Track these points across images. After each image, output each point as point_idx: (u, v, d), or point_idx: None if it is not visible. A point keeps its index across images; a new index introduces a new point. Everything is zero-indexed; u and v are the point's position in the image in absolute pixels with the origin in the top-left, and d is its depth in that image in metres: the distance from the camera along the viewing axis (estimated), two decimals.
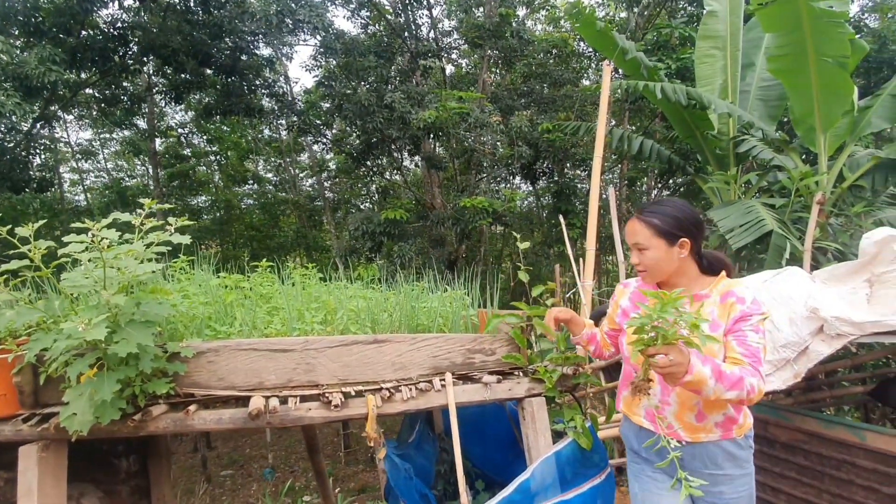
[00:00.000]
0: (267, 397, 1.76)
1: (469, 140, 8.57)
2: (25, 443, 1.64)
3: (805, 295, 2.28)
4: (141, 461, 2.41)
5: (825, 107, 4.27)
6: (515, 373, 2.09)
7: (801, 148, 5.27)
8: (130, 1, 8.55)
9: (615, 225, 4.21)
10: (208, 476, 7.04)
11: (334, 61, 9.50)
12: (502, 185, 10.65)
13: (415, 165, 12.52)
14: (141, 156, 14.14)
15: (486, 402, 1.99)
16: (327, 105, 10.35)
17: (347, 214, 12.76)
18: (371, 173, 11.18)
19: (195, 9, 8.52)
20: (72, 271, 1.56)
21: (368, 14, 9.92)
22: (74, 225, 1.50)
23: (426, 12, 10.32)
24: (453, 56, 11.73)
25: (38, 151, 9.97)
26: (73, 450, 1.72)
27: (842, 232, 4.27)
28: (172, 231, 1.60)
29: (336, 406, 1.77)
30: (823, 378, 3.59)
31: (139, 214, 1.68)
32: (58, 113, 9.71)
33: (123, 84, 9.99)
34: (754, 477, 1.64)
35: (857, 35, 4.56)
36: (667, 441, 1.40)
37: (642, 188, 11.18)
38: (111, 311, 1.41)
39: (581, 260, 4.05)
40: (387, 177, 11.85)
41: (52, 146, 12.19)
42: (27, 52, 6.99)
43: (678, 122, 5.52)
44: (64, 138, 13.80)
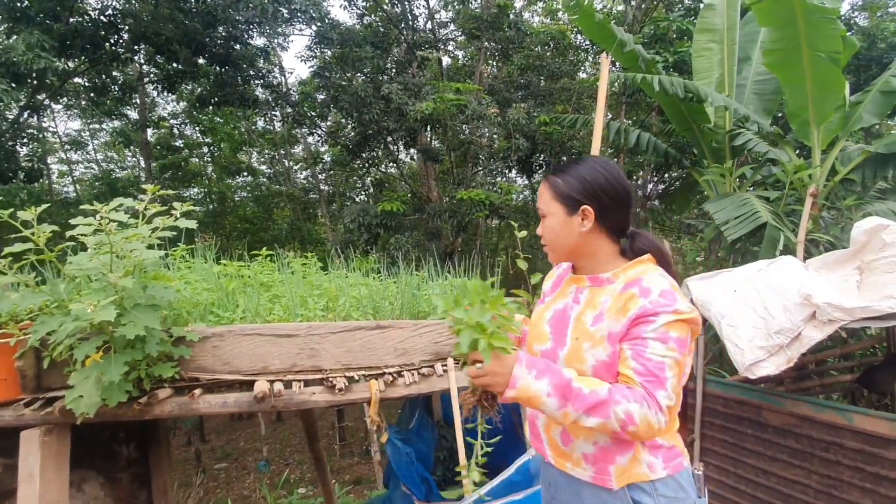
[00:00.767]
0: (272, 381, 1.77)
1: (466, 132, 8.55)
2: (26, 428, 1.64)
3: (798, 283, 2.33)
4: (140, 449, 2.41)
5: (818, 101, 4.33)
6: None
7: (795, 142, 5.33)
8: None
9: None
10: (203, 468, 7.05)
11: (329, 52, 9.42)
12: (498, 179, 10.66)
13: (410, 158, 12.49)
14: (132, 147, 13.96)
15: None
16: (322, 96, 10.27)
17: (343, 207, 12.70)
18: (366, 165, 11.13)
19: None
20: (77, 255, 1.56)
21: (365, 4, 9.83)
22: (83, 207, 1.50)
23: (423, 2, 10.26)
24: (450, 48, 11.67)
25: (26, 141, 9.81)
26: (74, 436, 1.72)
27: (833, 224, 4.34)
28: (178, 216, 1.60)
29: (340, 390, 1.79)
30: (814, 367, 3.68)
31: (142, 200, 1.68)
32: (45, 102, 9.54)
33: (114, 73, 9.83)
34: None
35: (848, 32, 4.62)
36: (534, 453, 1.18)
37: (638, 182, 11.24)
38: (118, 294, 1.41)
39: None
40: (382, 169, 11.80)
41: (40, 136, 12.00)
42: (14, 38, 6.84)
43: (675, 116, 5.56)
44: (52, 128, 13.60)
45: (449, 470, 2.90)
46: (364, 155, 10.19)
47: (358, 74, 9.25)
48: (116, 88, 10.02)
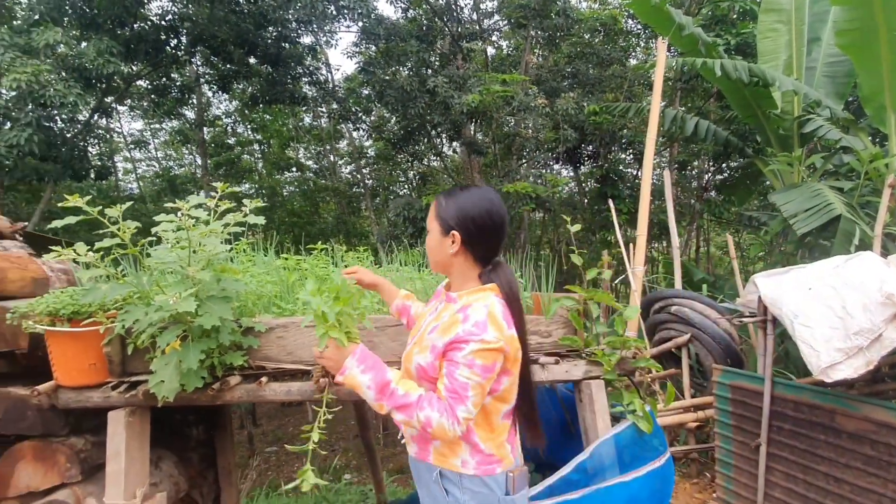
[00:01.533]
0: None
1: (511, 124, 8.44)
2: (112, 409, 1.77)
3: (879, 280, 2.17)
4: (207, 432, 2.56)
5: None
6: (571, 355, 2.08)
7: (870, 128, 4.94)
8: None
9: (670, 210, 4.08)
10: (254, 451, 7.38)
11: (374, 47, 9.52)
12: (543, 171, 10.47)
13: (453, 151, 12.47)
14: (188, 145, 14.69)
15: (544, 384, 1.99)
16: (367, 91, 10.40)
17: (387, 200, 12.87)
18: (410, 159, 11.21)
19: None
20: (156, 249, 1.66)
21: None
22: (167, 205, 1.59)
23: None
24: (494, 38, 11.51)
25: (95, 142, 10.51)
26: (152, 419, 1.84)
27: None
28: (247, 212, 1.67)
29: None
30: (888, 370, 3.42)
31: (213, 197, 1.76)
32: (112, 104, 10.20)
33: (173, 75, 10.35)
34: None
35: None
36: (401, 436, 1.37)
37: (693, 172, 10.72)
38: (196, 287, 1.50)
39: (631, 246, 3.96)
40: (425, 163, 11.85)
41: (108, 136, 12.83)
42: (84, 45, 7.31)
43: (737, 102, 5.27)
44: (118, 128, 14.51)
45: None
46: (408, 149, 10.27)
47: (402, 68, 9.30)
48: (175, 90, 10.56)
